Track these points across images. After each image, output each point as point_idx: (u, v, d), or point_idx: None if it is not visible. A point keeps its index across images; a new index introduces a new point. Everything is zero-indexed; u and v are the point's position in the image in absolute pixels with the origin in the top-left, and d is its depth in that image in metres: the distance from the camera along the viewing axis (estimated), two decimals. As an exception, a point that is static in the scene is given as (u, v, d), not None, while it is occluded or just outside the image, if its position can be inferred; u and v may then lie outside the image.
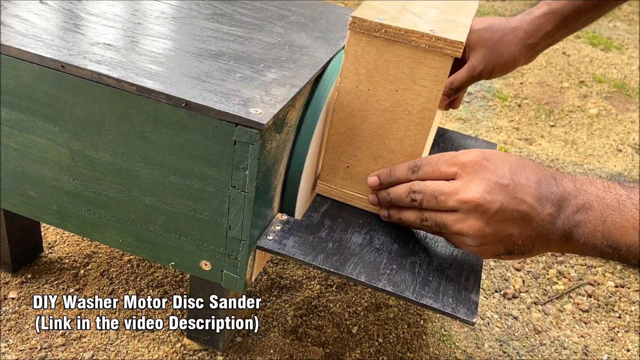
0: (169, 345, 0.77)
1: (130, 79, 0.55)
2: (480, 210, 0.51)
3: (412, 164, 0.59)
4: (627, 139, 1.61)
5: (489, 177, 0.51)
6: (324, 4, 0.89)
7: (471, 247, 0.55)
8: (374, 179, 0.63)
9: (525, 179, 0.51)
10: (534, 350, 0.88)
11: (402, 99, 0.58)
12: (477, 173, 0.52)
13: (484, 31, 0.78)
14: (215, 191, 0.57)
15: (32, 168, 0.65)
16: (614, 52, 2.24)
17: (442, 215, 0.55)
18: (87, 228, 0.66)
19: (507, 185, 0.51)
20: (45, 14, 0.67)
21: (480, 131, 1.54)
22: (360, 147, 0.63)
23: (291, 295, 0.89)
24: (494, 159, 0.53)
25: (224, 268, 0.62)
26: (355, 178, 0.66)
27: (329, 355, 0.80)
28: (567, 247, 0.52)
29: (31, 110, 0.61)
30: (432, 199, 0.55)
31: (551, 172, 0.53)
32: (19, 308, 0.79)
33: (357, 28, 0.55)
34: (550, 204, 0.51)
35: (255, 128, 0.52)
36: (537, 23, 0.77)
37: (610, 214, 0.48)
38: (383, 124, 0.60)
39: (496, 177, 0.51)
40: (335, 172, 0.66)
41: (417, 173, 0.58)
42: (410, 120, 0.59)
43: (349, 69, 0.58)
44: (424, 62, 0.55)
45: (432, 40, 0.54)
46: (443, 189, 0.54)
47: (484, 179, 0.51)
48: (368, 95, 0.59)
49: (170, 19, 0.73)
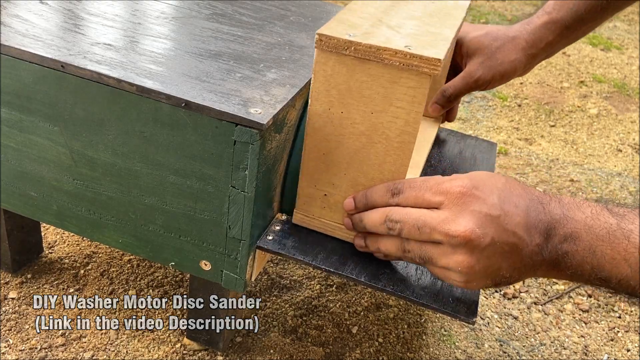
0: (169, 345, 0.77)
1: (130, 79, 0.55)
2: (470, 245, 0.47)
3: (391, 186, 0.54)
4: (627, 139, 1.61)
5: (479, 208, 0.48)
6: (324, 4, 0.89)
7: (457, 282, 0.51)
8: (350, 201, 0.58)
9: (514, 206, 0.48)
10: (534, 350, 0.88)
11: (378, 121, 0.53)
12: (466, 204, 0.48)
13: (484, 37, 0.74)
14: (215, 191, 0.57)
15: (32, 168, 0.65)
16: (614, 52, 2.24)
17: (427, 248, 0.51)
18: (87, 228, 0.66)
19: (497, 217, 0.47)
20: (45, 14, 0.67)
21: (480, 131, 1.54)
22: (337, 174, 0.58)
23: (291, 295, 0.89)
24: (482, 187, 0.49)
25: (224, 268, 0.62)
26: (334, 207, 0.61)
27: (329, 355, 0.80)
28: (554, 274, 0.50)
29: (31, 110, 0.61)
30: (414, 229, 0.50)
31: (538, 195, 0.50)
32: (19, 308, 0.79)
33: (325, 46, 0.51)
34: (538, 234, 0.48)
35: (255, 128, 0.52)
36: (538, 33, 0.74)
37: (600, 245, 0.46)
38: (359, 148, 0.55)
39: (487, 208, 0.48)
40: (312, 200, 0.61)
41: (397, 197, 0.53)
42: (388, 144, 0.54)
43: (318, 91, 0.54)
44: (399, 82, 0.50)
45: (406, 57, 0.49)
46: (427, 219, 0.49)
47: (474, 211, 0.48)
48: (341, 118, 0.54)
49: (170, 19, 0.73)
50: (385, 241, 0.55)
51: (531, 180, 1.34)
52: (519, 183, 0.51)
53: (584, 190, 1.33)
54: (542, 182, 1.34)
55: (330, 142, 0.56)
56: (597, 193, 1.32)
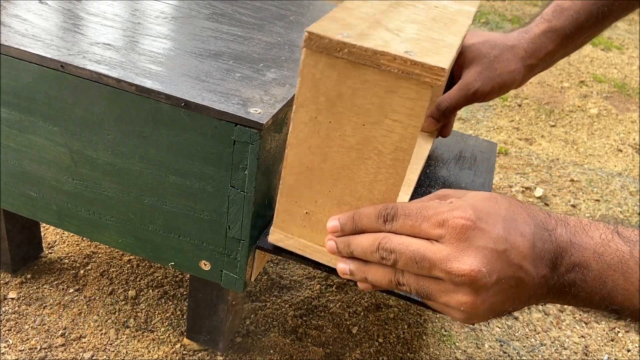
0: (169, 345, 0.77)
1: (129, 78, 0.55)
2: (476, 285, 0.43)
3: (382, 211, 0.48)
4: (627, 139, 1.61)
5: (485, 243, 0.43)
6: (324, 4, 0.89)
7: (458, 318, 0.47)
8: (334, 223, 0.51)
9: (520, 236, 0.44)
10: (534, 351, 0.88)
11: (370, 135, 0.47)
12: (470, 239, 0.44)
13: (482, 45, 0.69)
14: (214, 191, 0.57)
15: (32, 168, 0.65)
16: (614, 52, 2.24)
17: (425, 283, 0.46)
18: (87, 228, 0.66)
19: (504, 251, 0.44)
20: (45, 14, 0.67)
21: (480, 131, 1.54)
22: (321, 191, 0.52)
23: (291, 295, 0.89)
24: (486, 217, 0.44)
25: (223, 268, 0.62)
26: (316, 227, 0.54)
27: (329, 355, 0.80)
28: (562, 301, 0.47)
29: (31, 110, 0.61)
30: (411, 262, 0.45)
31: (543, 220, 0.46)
32: (18, 308, 0.79)
33: (314, 46, 0.44)
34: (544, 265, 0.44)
35: (254, 128, 0.52)
36: (537, 42, 0.69)
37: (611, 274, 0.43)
38: (348, 164, 0.49)
39: (492, 243, 0.43)
40: (292, 218, 0.54)
41: (390, 224, 0.47)
42: (380, 161, 0.48)
43: (305, 96, 0.47)
44: (396, 92, 0.45)
45: (406, 64, 0.43)
46: (427, 253, 0.44)
47: (479, 247, 0.43)
48: (329, 129, 0.48)
49: (170, 18, 0.73)
50: (376, 270, 0.49)
51: (531, 180, 1.34)
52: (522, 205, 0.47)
53: (584, 190, 1.33)
54: (542, 182, 1.34)
55: (315, 155, 0.50)
56: (598, 193, 1.32)
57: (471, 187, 0.76)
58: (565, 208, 1.25)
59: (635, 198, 1.33)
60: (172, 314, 0.81)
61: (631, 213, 1.27)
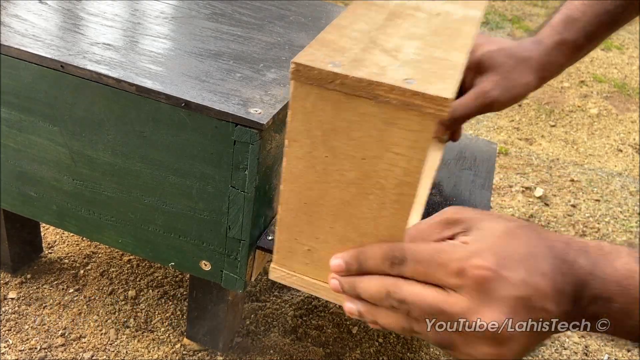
0: (169, 345, 0.77)
1: (129, 78, 0.55)
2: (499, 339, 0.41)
3: (390, 254, 0.44)
4: (627, 139, 1.61)
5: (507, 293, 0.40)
6: (323, 4, 0.89)
7: None
8: (338, 262, 0.47)
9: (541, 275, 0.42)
10: (534, 351, 0.88)
11: (371, 169, 0.44)
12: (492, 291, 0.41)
13: (497, 54, 0.67)
14: (215, 191, 0.57)
15: (32, 168, 0.65)
16: (614, 52, 2.24)
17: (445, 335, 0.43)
18: (87, 228, 0.66)
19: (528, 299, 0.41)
20: (45, 14, 0.67)
21: (480, 131, 1.54)
22: (322, 227, 0.48)
23: (291, 295, 0.89)
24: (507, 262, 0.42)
25: (223, 268, 0.62)
26: (320, 264, 0.51)
27: (329, 355, 0.80)
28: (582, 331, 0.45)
29: (31, 110, 0.61)
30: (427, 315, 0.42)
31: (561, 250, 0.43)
32: (18, 308, 0.79)
33: (303, 78, 0.41)
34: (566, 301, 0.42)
35: (254, 128, 0.52)
36: (551, 55, 0.68)
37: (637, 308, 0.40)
38: (349, 200, 0.46)
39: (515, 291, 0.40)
40: (293, 255, 0.51)
41: (398, 268, 0.44)
42: (384, 196, 0.45)
43: (297, 130, 0.43)
44: (396, 124, 0.41)
45: (405, 95, 0.39)
46: (444, 307, 0.41)
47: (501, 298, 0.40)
48: (326, 164, 0.45)
49: (170, 18, 0.73)
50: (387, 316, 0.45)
51: (531, 180, 1.34)
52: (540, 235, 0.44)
53: (584, 190, 1.33)
54: (542, 182, 1.34)
55: (312, 190, 0.47)
56: (598, 193, 1.32)
57: (471, 187, 0.76)
58: (565, 208, 1.25)
59: (635, 198, 1.33)
60: (172, 314, 0.81)
61: (631, 213, 1.27)
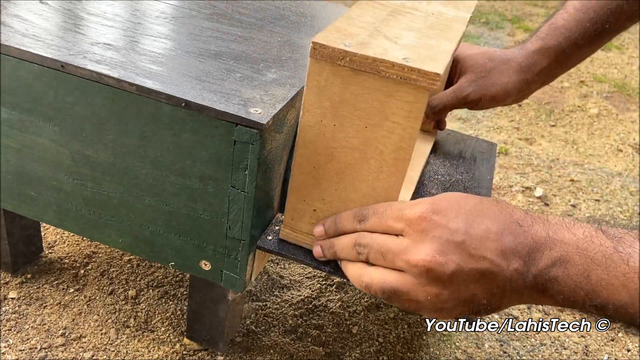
0: (169, 345, 0.77)
1: (130, 78, 0.55)
2: (432, 275, 0.45)
3: (358, 213, 0.53)
4: (627, 139, 1.61)
5: (440, 234, 0.45)
6: (324, 4, 0.89)
7: (429, 314, 0.49)
8: (320, 228, 0.56)
9: (484, 230, 0.45)
10: (534, 351, 0.88)
11: (372, 136, 0.51)
12: (426, 231, 0.46)
13: (479, 56, 0.73)
14: (215, 191, 0.57)
15: (32, 168, 0.65)
16: (614, 52, 2.24)
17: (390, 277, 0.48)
18: (87, 228, 0.66)
19: (462, 242, 0.45)
20: (45, 13, 0.67)
21: (480, 131, 1.54)
22: (328, 189, 0.56)
23: (291, 295, 0.89)
24: (445, 211, 0.46)
25: (224, 268, 0.62)
26: None
27: (329, 355, 0.80)
28: (543, 300, 0.46)
29: (31, 110, 0.61)
30: (378, 255, 0.48)
31: (518, 217, 0.46)
32: (19, 308, 0.79)
33: (319, 55, 0.48)
34: (516, 258, 0.44)
35: (255, 128, 0.52)
36: (532, 58, 0.72)
37: (595, 269, 0.42)
38: (352, 163, 0.54)
39: (448, 234, 0.45)
40: (300, 216, 0.59)
41: (363, 223, 0.52)
42: (382, 160, 0.52)
43: (311, 102, 0.51)
44: (395, 96, 0.49)
45: (403, 70, 0.47)
46: (391, 245, 0.48)
47: (434, 237, 0.45)
48: (334, 132, 0.52)
49: (170, 18, 0.73)
50: (351, 267, 0.53)
51: (531, 180, 1.34)
52: (497, 203, 0.48)
53: (584, 190, 1.33)
54: (542, 182, 1.34)
55: (321, 155, 0.54)
56: (598, 193, 1.32)
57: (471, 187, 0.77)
58: (565, 208, 1.25)
59: (635, 198, 1.33)
60: (172, 314, 0.81)
61: (631, 213, 1.27)
